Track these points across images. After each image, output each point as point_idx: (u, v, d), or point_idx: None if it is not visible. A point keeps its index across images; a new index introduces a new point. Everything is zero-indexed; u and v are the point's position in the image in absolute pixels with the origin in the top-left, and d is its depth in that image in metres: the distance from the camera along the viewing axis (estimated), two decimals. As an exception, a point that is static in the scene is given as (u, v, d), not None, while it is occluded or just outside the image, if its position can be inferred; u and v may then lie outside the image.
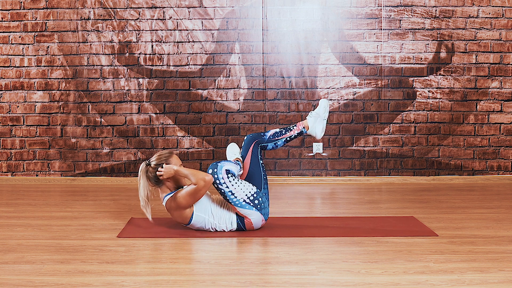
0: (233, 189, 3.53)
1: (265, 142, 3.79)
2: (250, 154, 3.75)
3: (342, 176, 5.81)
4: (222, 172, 3.52)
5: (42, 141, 5.83)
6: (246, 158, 3.75)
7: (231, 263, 3.04)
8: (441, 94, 5.75)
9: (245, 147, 3.79)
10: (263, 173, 3.73)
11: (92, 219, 4.13)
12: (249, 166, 3.74)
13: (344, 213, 4.36)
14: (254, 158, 3.75)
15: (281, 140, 3.82)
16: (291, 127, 3.84)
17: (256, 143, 3.77)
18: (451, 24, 5.71)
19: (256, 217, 3.62)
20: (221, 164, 3.54)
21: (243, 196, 3.56)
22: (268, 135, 3.80)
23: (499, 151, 5.80)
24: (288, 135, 3.82)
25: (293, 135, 3.83)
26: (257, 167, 3.73)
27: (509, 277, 2.79)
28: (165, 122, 5.78)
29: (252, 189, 3.60)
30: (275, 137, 3.80)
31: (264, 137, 3.79)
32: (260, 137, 3.78)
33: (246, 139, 3.81)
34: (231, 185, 3.53)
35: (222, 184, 3.52)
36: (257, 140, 3.78)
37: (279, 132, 3.82)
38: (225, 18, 5.73)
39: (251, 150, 3.76)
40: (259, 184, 3.69)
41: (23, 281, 2.76)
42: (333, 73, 5.75)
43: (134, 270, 2.93)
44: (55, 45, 5.75)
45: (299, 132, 3.84)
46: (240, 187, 3.56)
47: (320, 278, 2.80)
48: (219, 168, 3.53)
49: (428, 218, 4.09)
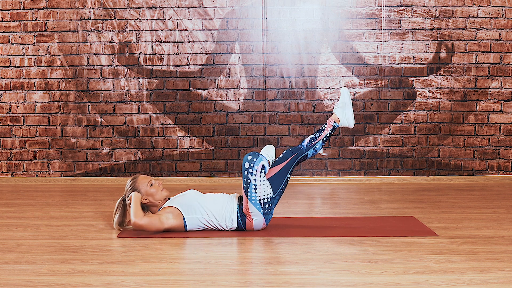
0: (258, 185, 3.55)
1: (304, 151, 3.78)
2: (285, 164, 3.74)
3: (342, 176, 5.81)
4: (259, 165, 3.54)
5: (42, 141, 5.83)
6: (279, 165, 3.74)
7: (231, 263, 3.04)
8: (441, 94, 5.75)
9: (283, 157, 3.77)
10: (283, 185, 3.73)
11: (92, 219, 4.13)
12: (276, 173, 3.72)
13: (344, 213, 4.36)
14: (285, 169, 3.74)
15: (318, 143, 3.82)
16: (323, 128, 3.84)
17: (296, 156, 3.77)
18: (451, 24, 5.71)
19: (259, 219, 3.63)
20: (262, 157, 3.56)
21: (261, 195, 3.57)
22: (305, 144, 3.80)
23: (499, 151, 5.80)
24: (323, 135, 3.82)
25: (328, 134, 3.83)
26: (281, 178, 3.72)
27: (509, 277, 2.79)
28: (165, 122, 5.78)
29: (270, 193, 3.62)
30: (312, 143, 3.80)
31: (302, 148, 3.79)
32: (299, 150, 3.78)
33: (285, 152, 3.80)
34: (259, 180, 3.55)
35: (253, 175, 3.53)
36: (297, 153, 3.78)
37: (313, 137, 3.82)
38: (225, 18, 5.73)
39: (288, 161, 3.75)
40: (274, 192, 3.69)
41: (23, 281, 2.76)
42: (333, 73, 5.75)
43: (134, 270, 2.93)
44: (55, 45, 5.75)
45: (332, 129, 3.84)
46: (264, 186, 3.58)
47: (320, 278, 2.80)
48: (258, 159, 3.54)
49: (428, 218, 4.09)
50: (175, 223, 3.61)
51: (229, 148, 5.78)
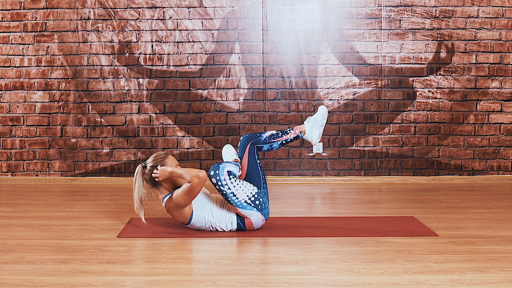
0: (234, 190, 3.53)
1: (260, 143, 3.79)
2: (247, 154, 3.75)
3: (342, 176, 5.81)
4: (224, 174, 3.52)
5: (42, 141, 5.83)
6: (244, 159, 3.75)
7: (231, 263, 3.04)
8: (441, 94, 5.75)
9: (241, 147, 3.80)
10: (261, 172, 3.73)
11: (92, 219, 4.13)
12: (247, 166, 3.74)
13: (344, 213, 4.36)
14: (251, 158, 3.75)
15: (276, 143, 3.81)
16: (287, 130, 3.83)
17: (252, 143, 3.77)
18: (451, 24, 5.71)
19: (256, 217, 3.63)
20: (223, 166, 3.54)
21: (244, 197, 3.56)
22: (264, 136, 3.80)
23: (499, 151, 5.80)
24: (284, 138, 3.82)
25: (289, 139, 3.83)
26: (255, 167, 3.74)
27: (509, 277, 2.79)
28: (165, 122, 5.78)
29: (253, 190, 3.60)
30: (271, 139, 3.80)
31: (260, 138, 3.79)
32: (256, 138, 3.79)
33: (242, 139, 3.81)
34: (232, 186, 3.53)
35: (224, 185, 3.52)
36: (253, 140, 3.78)
37: (275, 134, 3.81)
38: (225, 18, 5.73)
39: (247, 150, 3.76)
40: (258, 183, 3.69)
41: (23, 281, 2.76)
42: (333, 73, 5.75)
43: (134, 270, 2.93)
44: (55, 45, 5.75)
45: (295, 136, 3.84)
46: (242, 188, 3.56)
47: (320, 278, 2.80)
48: (221, 169, 3.52)
49: (428, 218, 4.09)
50: (187, 210, 3.58)
51: (229, 148, 5.78)
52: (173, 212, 3.60)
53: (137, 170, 3.64)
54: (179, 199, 3.51)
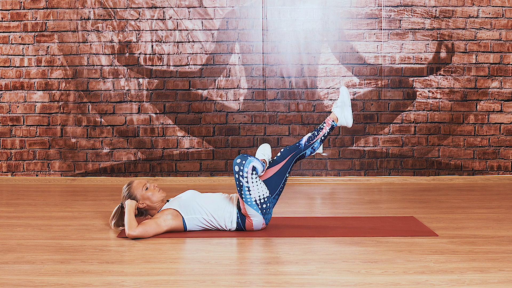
0: (251, 186, 3.54)
1: (302, 150, 3.77)
2: (283, 163, 3.73)
3: (342, 176, 5.81)
4: (249, 167, 3.53)
5: (42, 141, 5.83)
6: (277, 165, 3.72)
7: (231, 263, 3.04)
8: (441, 94, 5.75)
9: (281, 156, 3.75)
10: (281, 185, 3.72)
11: (92, 219, 4.13)
12: (274, 173, 3.70)
13: (344, 213, 4.36)
14: (284, 168, 3.73)
15: (316, 142, 3.80)
16: (321, 126, 3.82)
17: (294, 155, 3.75)
18: (451, 24, 5.71)
19: (258, 219, 3.63)
20: (251, 159, 3.55)
21: (256, 196, 3.56)
22: (303, 142, 3.78)
23: (499, 151, 5.80)
24: (321, 134, 3.81)
25: (326, 133, 3.82)
26: (279, 178, 3.71)
27: (509, 277, 2.79)
28: (165, 122, 5.78)
29: (266, 193, 3.61)
30: (310, 141, 3.78)
31: (300, 146, 3.77)
32: (297, 149, 3.76)
33: (283, 150, 3.78)
34: (251, 182, 3.54)
35: (244, 177, 3.52)
36: (295, 151, 3.76)
37: (312, 136, 3.80)
38: (225, 18, 5.73)
39: (286, 160, 3.73)
40: (272, 192, 3.68)
41: (23, 281, 2.76)
42: (333, 73, 5.75)
43: (134, 270, 2.93)
44: (55, 45, 5.75)
45: (330, 128, 3.83)
46: (258, 187, 3.56)
47: (320, 278, 2.80)
48: (247, 161, 3.53)
49: (428, 218, 4.09)
50: (174, 224, 3.60)
51: (229, 148, 5.78)
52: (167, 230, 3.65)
53: (115, 210, 3.72)
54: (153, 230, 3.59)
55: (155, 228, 3.55)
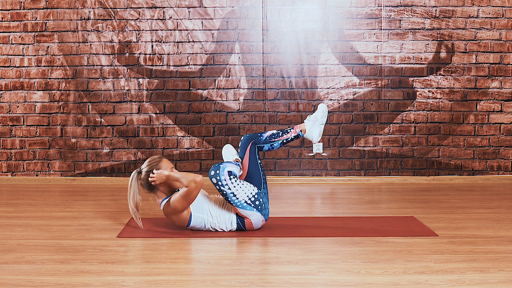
0: (234, 191, 3.53)
1: (261, 143, 3.80)
2: (248, 154, 3.76)
3: (342, 176, 5.81)
4: (225, 174, 3.52)
5: (42, 141, 5.83)
6: (244, 159, 3.76)
7: (231, 263, 3.04)
8: (441, 94, 5.75)
9: (242, 147, 3.80)
10: (261, 172, 3.73)
11: (92, 219, 4.13)
12: (248, 166, 3.74)
13: (344, 213, 4.36)
14: (252, 158, 3.75)
15: (277, 142, 3.82)
16: (288, 130, 3.84)
17: (253, 143, 3.78)
18: (451, 24, 5.71)
19: (256, 217, 3.63)
20: (223, 166, 3.54)
21: (244, 197, 3.56)
22: (265, 136, 3.80)
23: (499, 151, 5.80)
24: (284, 137, 3.82)
25: (289, 138, 3.83)
26: (255, 167, 3.74)
27: (509, 277, 2.79)
28: (165, 122, 5.78)
29: (254, 190, 3.60)
30: (272, 139, 3.80)
31: (261, 137, 3.80)
32: (257, 138, 3.79)
33: (243, 139, 3.82)
34: (233, 186, 3.53)
35: (224, 185, 3.52)
36: (254, 140, 3.79)
37: (276, 134, 3.82)
38: (225, 18, 5.73)
39: (248, 150, 3.76)
40: (258, 184, 3.69)
41: (23, 281, 2.76)
42: (333, 73, 5.75)
43: (134, 270, 2.93)
44: (55, 45, 5.75)
45: (296, 135, 3.84)
46: (242, 188, 3.56)
47: (320, 278, 2.80)
48: (221, 169, 3.52)
49: (428, 218, 4.09)
50: (185, 213, 3.57)
51: (229, 148, 5.78)
52: (171, 217, 3.60)
53: (131, 176, 3.61)
54: (177, 204, 3.51)
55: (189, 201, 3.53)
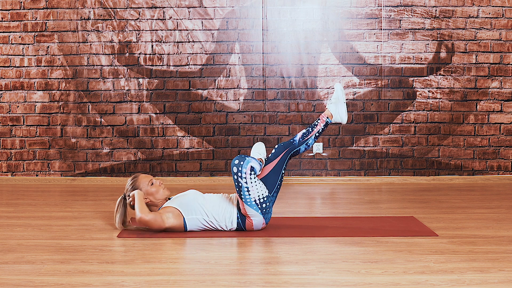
0: (250, 187, 3.54)
1: (297, 146, 3.77)
2: (278, 160, 3.73)
3: (342, 176, 5.81)
4: (247, 167, 3.53)
5: (42, 141, 5.83)
6: (272, 162, 3.73)
7: (231, 263, 3.04)
8: (441, 94, 5.75)
9: (275, 153, 3.76)
10: (279, 182, 3.72)
11: (92, 219, 4.13)
12: (270, 170, 3.71)
13: (344, 213, 4.36)
14: (279, 165, 3.73)
15: (311, 138, 3.81)
16: (316, 123, 3.84)
17: (288, 151, 3.76)
18: (451, 24, 5.71)
19: (258, 219, 3.63)
20: (249, 159, 3.55)
21: (255, 196, 3.57)
22: (297, 139, 3.79)
23: (499, 151, 5.80)
24: (316, 130, 3.82)
25: (320, 129, 3.83)
26: (276, 175, 3.71)
27: (509, 277, 2.79)
28: (165, 122, 5.78)
29: (265, 192, 3.61)
30: (305, 138, 3.79)
31: (294, 142, 3.78)
32: (291, 144, 3.77)
33: (277, 147, 3.78)
34: (250, 182, 3.54)
35: (243, 178, 3.53)
36: (289, 147, 3.77)
37: (306, 132, 3.81)
38: (225, 18, 5.73)
39: (280, 157, 3.74)
40: (270, 189, 3.68)
41: (23, 281, 2.76)
42: (333, 73, 5.75)
43: (134, 270, 2.93)
44: (55, 45, 5.75)
45: (325, 124, 3.84)
46: (257, 187, 3.57)
47: (320, 278, 2.80)
48: (245, 162, 3.53)
49: (428, 218, 4.09)
50: (175, 223, 3.61)
51: (229, 148, 5.78)
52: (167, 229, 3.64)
53: (118, 201, 3.71)
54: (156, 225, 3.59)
55: (161, 221, 3.56)
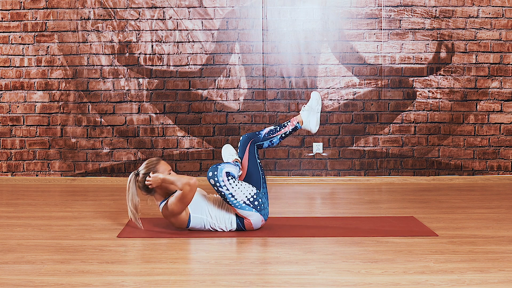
0: (233, 192, 3.53)
1: (260, 140, 3.80)
2: (247, 154, 3.76)
3: (342, 176, 5.81)
4: (223, 175, 3.52)
5: (42, 141, 5.83)
6: (244, 159, 3.76)
7: (231, 263, 3.04)
8: (441, 94, 5.75)
9: (241, 147, 3.80)
10: (261, 172, 3.73)
11: (92, 219, 4.13)
12: (247, 166, 3.74)
13: (344, 213, 4.36)
14: (251, 157, 3.75)
15: (276, 137, 3.82)
16: (285, 124, 3.85)
17: (252, 142, 3.78)
18: (451, 24, 5.71)
19: (255, 217, 3.63)
20: (221, 167, 3.54)
21: (243, 198, 3.56)
22: (263, 133, 3.81)
23: (499, 151, 5.80)
24: (283, 131, 3.83)
25: (288, 131, 3.84)
26: (255, 167, 3.74)
27: (509, 277, 2.79)
28: (165, 122, 5.78)
29: (252, 190, 3.60)
30: (270, 135, 3.81)
31: (259, 135, 3.80)
32: (255, 136, 3.80)
33: (242, 139, 3.82)
34: (231, 187, 3.53)
35: (222, 187, 3.52)
36: (253, 139, 3.79)
37: (273, 130, 3.83)
38: (225, 18, 5.73)
39: (247, 150, 3.76)
40: (258, 184, 3.69)
41: (23, 281, 2.76)
42: (333, 73, 5.75)
43: (134, 270, 2.93)
44: (55, 45, 5.75)
45: (293, 128, 3.85)
46: (240, 189, 3.55)
47: (320, 278, 2.80)
48: (219, 170, 3.52)
49: (428, 218, 4.09)
50: (183, 215, 3.58)
51: (229, 148, 5.78)
52: (170, 219, 3.61)
53: (129, 178, 3.61)
54: (173, 207, 3.51)
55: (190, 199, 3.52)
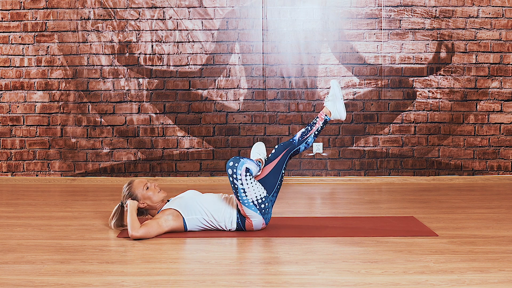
0: (246, 188, 3.54)
1: (296, 146, 3.77)
2: (278, 160, 3.72)
3: (342, 176, 5.81)
4: (242, 169, 3.52)
5: (42, 141, 5.83)
6: (271, 164, 3.72)
7: (231, 263, 3.04)
8: (441, 94, 5.75)
9: (275, 153, 3.75)
10: (278, 182, 3.71)
11: (92, 219, 4.13)
12: (270, 171, 3.70)
13: (344, 213, 4.36)
14: (279, 165, 3.72)
15: (310, 137, 3.81)
16: (314, 121, 3.83)
17: (288, 151, 3.75)
18: (451, 24, 5.71)
19: (258, 220, 3.63)
20: (243, 161, 3.54)
21: (252, 197, 3.56)
22: (297, 138, 3.78)
23: (499, 151, 5.80)
24: (314, 129, 3.81)
25: (319, 127, 3.82)
26: (275, 176, 3.70)
27: (509, 277, 2.79)
28: (165, 122, 5.78)
29: (263, 193, 3.60)
30: (304, 137, 3.79)
31: (294, 142, 3.77)
32: (291, 145, 3.76)
33: (277, 147, 3.78)
34: (246, 183, 3.54)
35: (238, 180, 3.52)
36: (288, 148, 3.76)
37: (305, 131, 3.81)
38: (225, 18, 5.73)
39: (280, 157, 3.73)
40: (270, 189, 3.67)
41: (23, 281, 2.76)
42: (333, 73, 5.75)
43: (134, 270, 2.93)
44: (55, 45, 5.75)
45: (324, 122, 3.84)
46: (254, 188, 3.56)
47: (320, 278, 2.80)
48: (240, 163, 3.53)
49: (428, 218, 4.09)
50: (175, 224, 3.60)
51: (229, 148, 5.78)
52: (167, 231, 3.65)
53: (115, 209, 3.72)
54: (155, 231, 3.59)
55: (157, 229, 3.55)
